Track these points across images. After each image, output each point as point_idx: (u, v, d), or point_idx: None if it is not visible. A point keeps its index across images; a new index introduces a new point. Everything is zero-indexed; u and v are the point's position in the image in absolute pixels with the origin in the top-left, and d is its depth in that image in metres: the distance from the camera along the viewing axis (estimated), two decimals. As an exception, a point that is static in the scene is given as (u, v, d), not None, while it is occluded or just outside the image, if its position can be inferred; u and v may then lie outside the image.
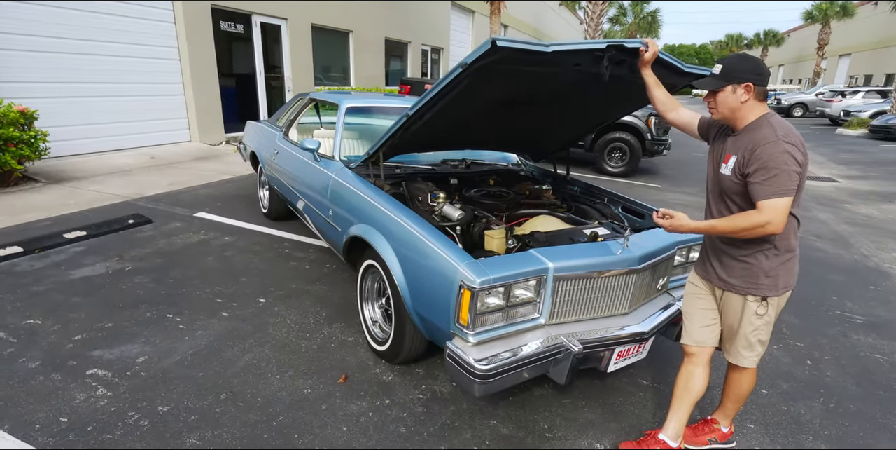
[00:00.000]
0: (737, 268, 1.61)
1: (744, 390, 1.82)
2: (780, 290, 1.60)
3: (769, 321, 1.65)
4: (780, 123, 1.51)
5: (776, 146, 1.43)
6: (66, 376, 2.08)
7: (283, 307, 2.80)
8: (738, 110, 1.54)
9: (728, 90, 1.53)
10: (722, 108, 1.56)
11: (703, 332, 1.75)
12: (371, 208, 2.30)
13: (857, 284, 3.66)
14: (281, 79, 9.24)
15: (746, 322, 1.64)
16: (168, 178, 5.67)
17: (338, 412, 1.97)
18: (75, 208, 4.32)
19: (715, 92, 1.55)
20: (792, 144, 1.44)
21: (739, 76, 1.51)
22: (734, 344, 1.71)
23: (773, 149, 1.43)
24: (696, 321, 1.76)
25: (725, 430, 1.91)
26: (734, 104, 1.53)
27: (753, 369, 1.77)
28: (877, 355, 2.68)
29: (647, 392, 2.24)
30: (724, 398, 1.88)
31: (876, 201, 6.49)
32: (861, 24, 28.11)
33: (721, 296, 1.69)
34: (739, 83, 1.51)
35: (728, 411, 1.89)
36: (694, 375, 1.77)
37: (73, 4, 5.82)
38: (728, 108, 1.55)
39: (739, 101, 1.52)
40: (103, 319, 2.56)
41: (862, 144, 12.59)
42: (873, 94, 18.16)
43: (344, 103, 3.22)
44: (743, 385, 1.81)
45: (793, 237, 1.59)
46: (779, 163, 1.42)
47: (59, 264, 3.21)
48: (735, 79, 1.52)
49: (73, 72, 5.95)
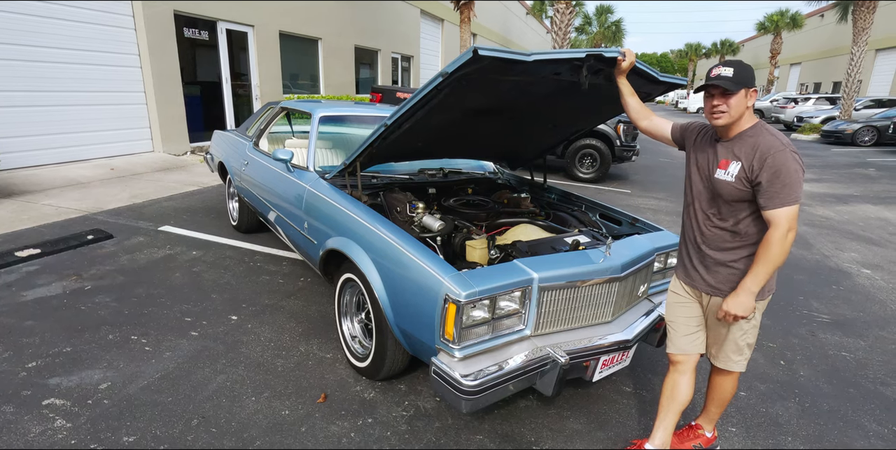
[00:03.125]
0: (724, 273, 1.63)
1: (727, 394, 1.84)
2: (766, 293, 1.63)
3: (756, 325, 1.67)
4: (775, 130, 1.54)
5: (785, 155, 1.45)
6: (20, 408, 1.93)
7: (256, 324, 2.69)
8: (742, 116, 1.55)
9: (741, 94, 1.52)
10: (734, 112, 1.53)
11: (687, 340, 1.76)
12: (349, 220, 2.24)
13: (821, 283, 3.81)
14: (248, 87, 9.04)
15: (736, 327, 1.66)
16: (130, 190, 5.42)
17: (318, 434, 1.88)
18: (28, 224, 4.07)
19: (730, 95, 1.52)
20: (795, 153, 1.48)
21: (751, 82, 1.52)
22: (723, 349, 1.73)
23: (784, 158, 1.45)
24: (680, 330, 1.77)
25: (709, 434, 1.92)
26: (743, 109, 1.53)
27: (737, 374, 1.79)
28: (844, 352, 2.77)
29: (631, 399, 2.24)
30: (707, 403, 1.90)
31: (832, 203, 6.81)
32: (809, 34, 29.74)
33: (708, 302, 1.70)
34: (750, 88, 1.52)
35: (712, 416, 1.90)
36: (679, 383, 1.77)
37: (22, 7, 5.53)
38: (739, 111, 1.53)
39: (746, 106, 1.54)
40: (61, 344, 2.39)
41: (815, 149, 13.24)
42: (823, 100, 19.18)
43: (317, 112, 3.15)
44: (727, 389, 1.82)
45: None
46: (790, 171, 1.44)
47: (10, 285, 3.00)
48: (748, 83, 1.52)
49: (25, 80, 5.65)
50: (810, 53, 29.97)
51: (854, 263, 4.31)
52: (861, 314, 3.29)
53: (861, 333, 3.01)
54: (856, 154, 12.10)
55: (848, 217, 6.03)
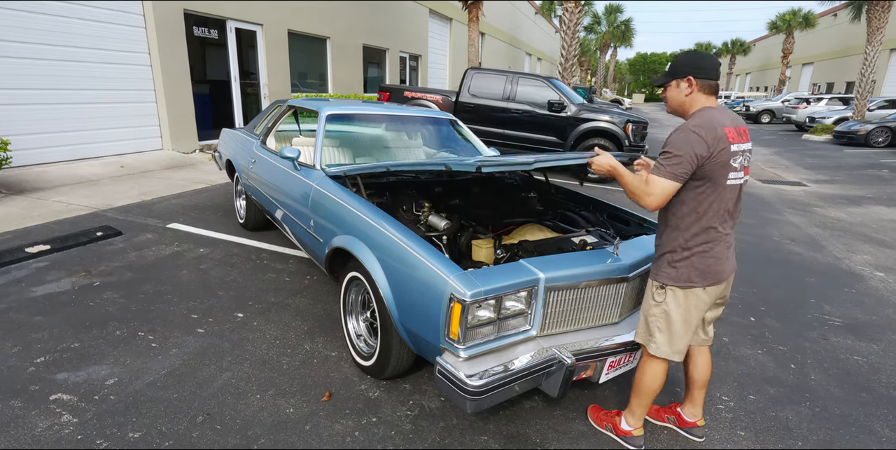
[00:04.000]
0: (655, 256, 1.76)
1: (645, 382, 1.83)
2: (682, 282, 1.64)
3: (668, 313, 1.69)
4: (706, 114, 1.56)
5: (681, 133, 1.54)
6: (27, 403, 1.94)
7: (262, 322, 2.69)
8: (684, 104, 1.64)
9: (672, 85, 1.65)
10: (671, 103, 1.68)
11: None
12: (355, 218, 2.23)
13: (833, 286, 3.75)
14: (257, 85, 9.08)
15: (646, 304, 1.77)
16: (139, 187, 5.46)
17: (322, 433, 1.88)
18: (39, 221, 4.11)
19: (665, 89, 1.68)
20: (696, 134, 1.51)
21: (681, 71, 1.62)
22: (638, 325, 1.82)
23: (678, 135, 1.54)
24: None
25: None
26: (680, 98, 1.64)
27: (657, 361, 1.79)
28: (856, 356, 2.73)
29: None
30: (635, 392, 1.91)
31: (844, 205, 6.71)
32: (822, 34, 29.37)
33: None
34: (681, 78, 1.62)
35: (632, 408, 1.90)
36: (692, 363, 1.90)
37: (33, 5, 5.59)
38: (676, 102, 1.66)
39: (684, 95, 1.63)
40: (69, 340, 2.41)
41: (827, 149, 13.07)
42: (836, 101, 18.92)
43: (324, 111, 3.15)
44: (645, 376, 1.83)
45: (701, 235, 1.63)
46: (675, 147, 1.52)
47: (20, 281, 3.03)
48: (677, 74, 1.63)
49: (37, 78, 5.71)
50: (823, 53, 29.59)
51: (867, 266, 4.24)
52: (874, 318, 3.23)
53: (874, 337, 2.96)
54: (869, 155, 11.92)
55: (861, 219, 5.94)
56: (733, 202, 1.63)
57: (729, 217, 1.64)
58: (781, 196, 7.14)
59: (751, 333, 2.93)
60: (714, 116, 1.54)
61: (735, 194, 1.62)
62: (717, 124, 1.52)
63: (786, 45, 29.33)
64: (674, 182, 1.52)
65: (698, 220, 1.60)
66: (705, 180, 1.55)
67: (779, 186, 7.92)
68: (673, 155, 1.51)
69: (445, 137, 3.72)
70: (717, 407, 2.20)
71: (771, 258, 4.31)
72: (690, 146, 1.49)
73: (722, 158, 1.52)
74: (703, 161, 1.51)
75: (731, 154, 1.54)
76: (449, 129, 3.76)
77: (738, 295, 3.44)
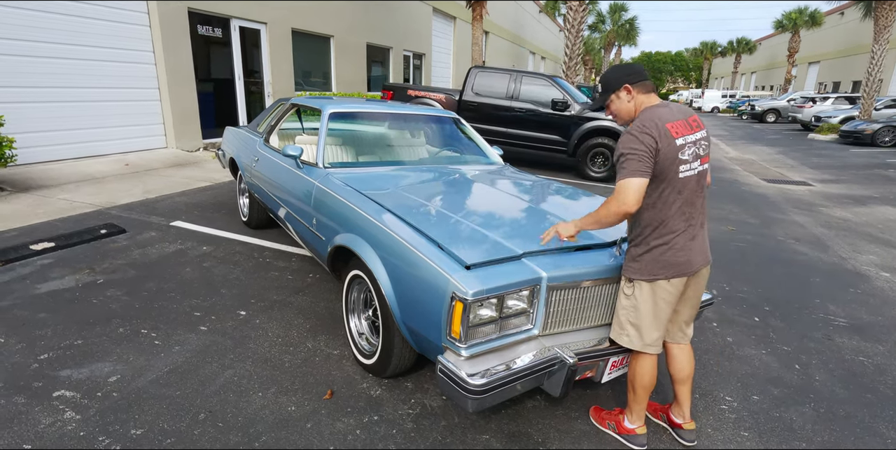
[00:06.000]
0: (626, 252, 1.79)
1: (635, 379, 1.83)
2: (647, 276, 1.67)
3: (636, 306, 1.72)
4: (647, 114, 1.61)
5: (626, 134, 1.58)
6: (31, 399, 1.95)
7: (264, 320, 2.69)
8: (631, 111, 1.70)
9: (613, 99, 1.71)
10: (621, 114, 1.73)
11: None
12: (357, 217, 2.23)
13: (838, 286, 3.72)
14: (260, 84, 9.09)
15: (618, 299, 1.80)
16: (143, 185, 5.48)
17: (324, 431, 1.88)
18: (44, 218, 4.13)
19: (608, 106, 1.74)
20: (640, 131, 1.55)
21: (615, 83, 1.68)
22: (614, 321, 1.84)
23: (625, 137, 1.58)
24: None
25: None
26: (626, 107, 1.70)
27: (642, 357, 1.80)
28: (861, 357, 2.70)
29: (641, 401, 2.20)
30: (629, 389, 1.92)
31: (849, 205, 6.67)
32: (828, 32, 29.16)
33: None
34: (619, 89, 1.68)
35: (629, 403, 1.91)
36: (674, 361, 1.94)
37: (40, 5, 5.62)
38: (624, 112, 1.71)
39: (627, 102, 1.69)
40: (72, 337, 2.42)
41: (833, 149, 12.98)
42: (842, 100, 18.79)
43: (327, 109, 3.15)
44: (634, 373, 1.84)
45: (659, 228, 1.65)
46: (627, 147, 1.55)
47: (25, 278, 3.04)
48: (611, 88, 1.70)
49: (42, 76, 5.74)
50: (829, 52, 29.38)
51: (872, 266, 4.21)
52: (879, 318, 3.21)
53: (879, 338, 2.93)
54: (875, 155, 11.83)
55: (866, 219, 5.89)
56: (693, 193, 1.65)
57: (690, 209, 1.67)
58: (786, 195, 7.10)
59: (755, 333, 2.91)
60: (655, 114, 1.59)
61: (693, 185, 1.65)
62: (659, 121, 1.57)
63: (792, 43, 29.13)
64: (640, 178, 1.54)
65: (656, 214, 1.65)
66: (656, 176, 1.60)
67: (784, 186, 7.87)
68: (628, 155, 1.55)
69: (449, 136, 3.71)
70: (721, 407, 2.19)
71: (776, 258, 4.28)
72: (640, 141, 1.55)
73: (669, 154, 1.57)
74: (656, 153, 1.55)
75: (677, 148, 1.58)
76: (452, 127, 3.75)
77: (742, 295, 3.42)
